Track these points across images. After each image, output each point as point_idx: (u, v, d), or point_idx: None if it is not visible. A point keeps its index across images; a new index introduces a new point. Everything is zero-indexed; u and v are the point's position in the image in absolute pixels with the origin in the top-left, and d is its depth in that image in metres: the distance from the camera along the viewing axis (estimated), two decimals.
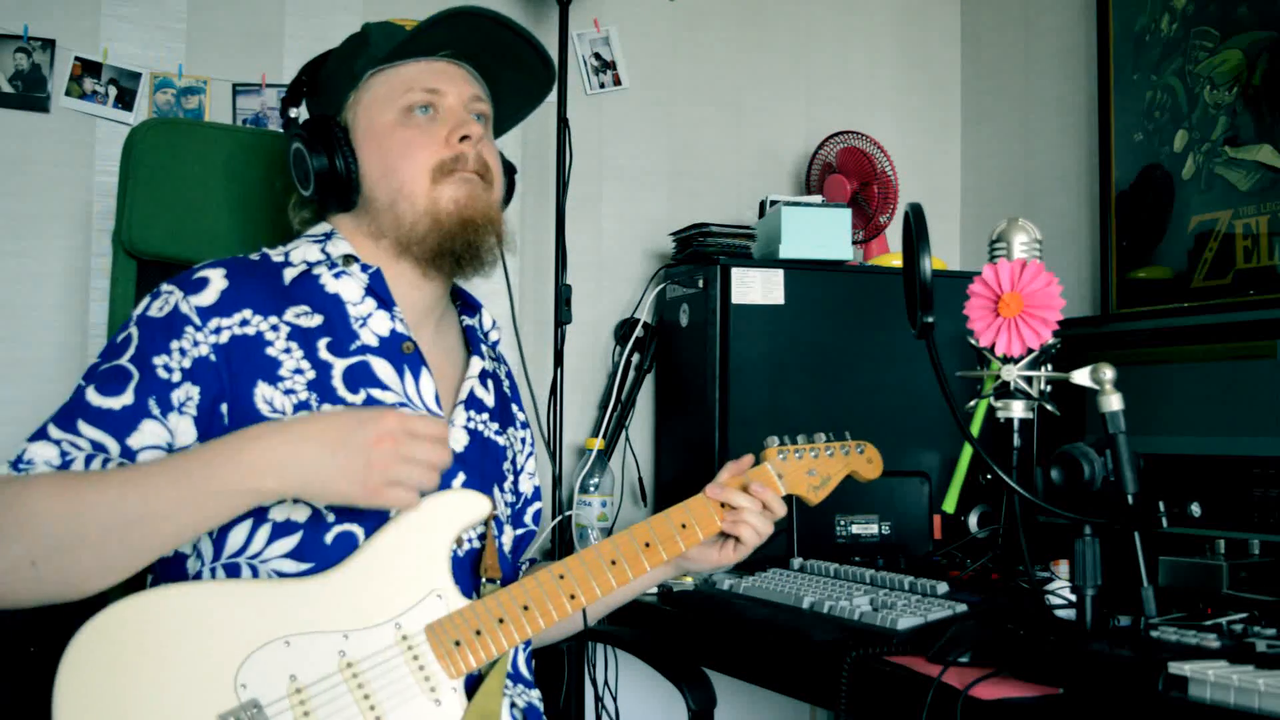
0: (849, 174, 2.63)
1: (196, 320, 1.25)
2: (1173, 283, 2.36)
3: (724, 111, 2.83)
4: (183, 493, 1.14)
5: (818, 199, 2.55)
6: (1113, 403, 1.32)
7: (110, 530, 1.12)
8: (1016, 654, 1.28)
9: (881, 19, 2.99)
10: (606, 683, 2.38)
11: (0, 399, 2.20)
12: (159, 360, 1.23)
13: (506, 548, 1.46)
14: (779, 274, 2.29)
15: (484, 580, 1.30)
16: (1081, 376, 1.35)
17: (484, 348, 1.51)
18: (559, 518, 2.41)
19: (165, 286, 1.29)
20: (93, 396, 1.21)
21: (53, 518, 1.11)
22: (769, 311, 2.29)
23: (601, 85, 2.67)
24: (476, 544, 1.34)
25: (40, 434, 1.19)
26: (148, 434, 1.21)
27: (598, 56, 2.67)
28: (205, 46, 2.39)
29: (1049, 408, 1.41)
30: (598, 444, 2.42)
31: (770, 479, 1.45)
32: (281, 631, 1.16)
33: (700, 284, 2.33)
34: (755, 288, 2.28)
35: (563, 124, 2.45)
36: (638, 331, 2.53)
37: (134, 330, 1.27)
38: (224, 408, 1.24)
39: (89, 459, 1.17)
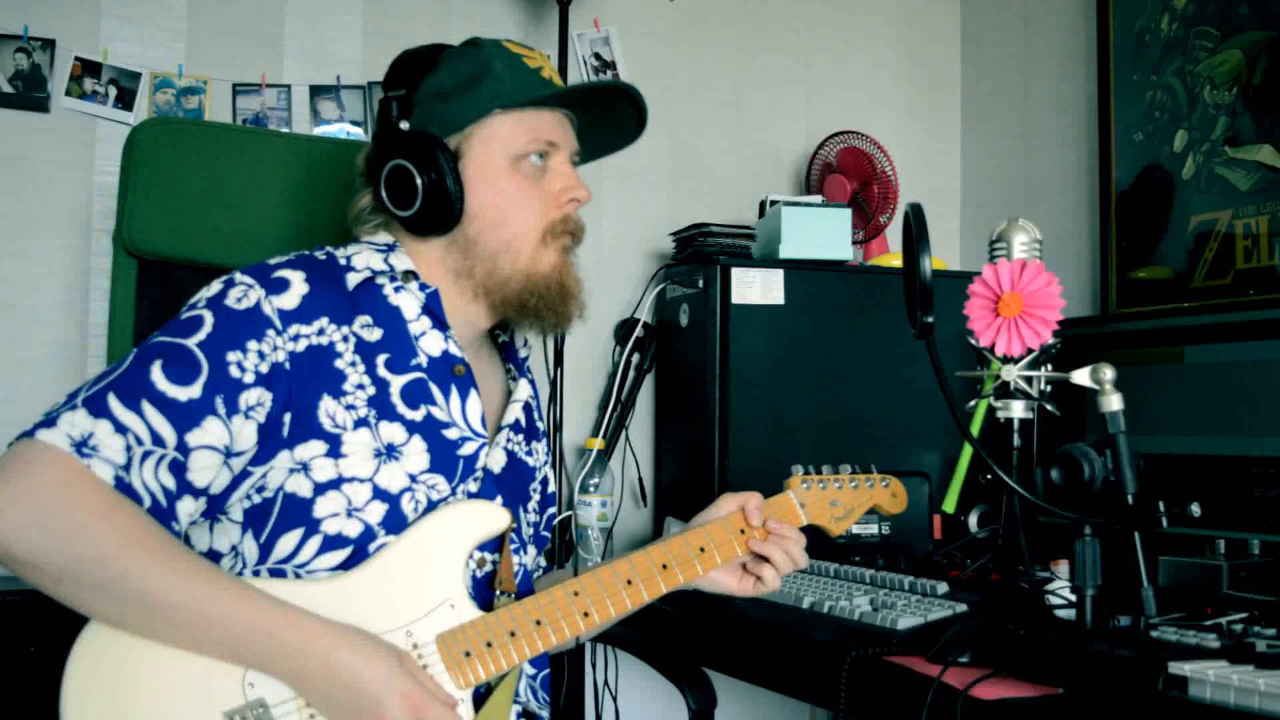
0: (849, 174, 2.63)
1: (278, 324, 1.21)
2: (1173, 283, 2.36)
3: (724, 111, 2.83)
4: (225, 623, 1.11)
5: (818, 199, 2.55)
6: (1113, 403, 1.32)
7: (149, 609, 1.09)
8: (1016, 654, 1.28)
9: (881, 19, 2.99)
10: (606, 683, 2.38)
11: (0, 399, 2.20)
12: (233, 357, 1.18)
13: (529, 568, 1.45)
14: (779, 274, 2.29)
15: (498, 594, 1.30)
16: (1081, 376, 1.35)
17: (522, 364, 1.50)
18: (559, 518, 2.41)
19: (242, 278, 1.24)
20: (159, 378, 1.14)
21: (108, 565, 1.07)
22: (769, 311, 2.29)
23: None
24: (491, 568, 1.33)
25: (101, 406, 1.11)
26: (209, 433, 1.15)
27: (598, 56, 2.67)
28: (205, 46, 2.39)
29: (1049, 408, 1.41)
30: (598, 444, 2.42)
31: (792, 508, 1.43)
32: None
33: (700, 284, 2.33)
34: (755, 288, 2.28)
35: None
36: (638, 331, 2.53)
37: (207, 314, 1.20)
38: (287, 417, 1.21)
39: (145, 456, 1.12)
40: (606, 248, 2.69)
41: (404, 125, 1.33)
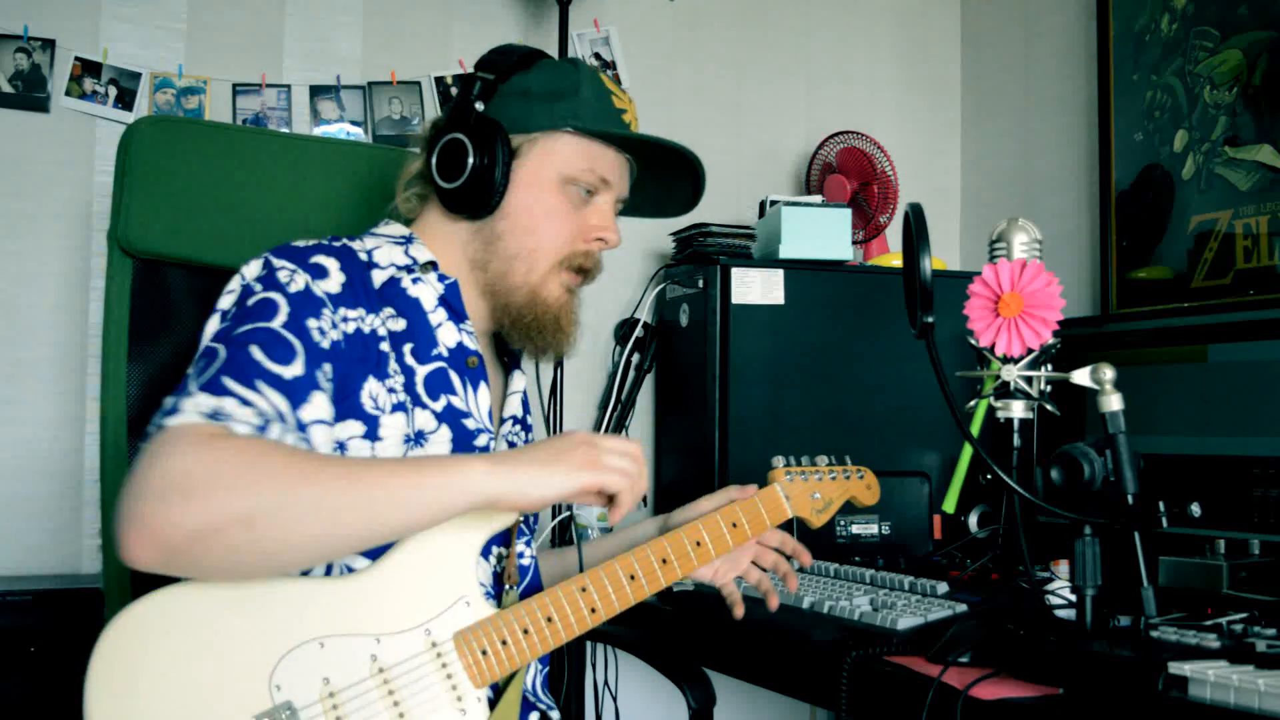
0: (849, 174, 2.63)
1: (330, 305, 1.24)
2: (1173, 283, 2.36)
3: (724, 111, 2.83)
4: (411, 482, 1.12)
5: (818, 199, 2.55)
6: (1113, 403, 1.32)
7: (341, 509, 1.09)
8: (1016, 654, 1.27)
9: (881, 19, 2.99)
10: (606, 683, 2.38)
11: (0, 399, 2.20)
12: (313, 329, 1.20)
13: (526, 559, 1.45)
14: (779, 274, 2.29)
15: (506, 587, 1.31)
16: (1081, 376, 1.35)
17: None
18: (559, 517, 2.41)
19: (280, 262, 1.24)
20: (262, 358, 1.14)
21: (288, 482, 1.06)
22: (769, 311, 2.29)
23: None
24: (499, 564, 1.34)
25: (219, 387, 1.10)
26: (318, 407, 1.17)
27: (598, 56, 2.67)
28: (205, 46, 2.39)
29: (1049, 408, 1.41)
30: None
31: (778, 500, 1.45)
32: (316, 633, 1.14)
33: (700, 284, 2.33)
34: (755, 288, 2.28)
35: None
36: (638, 331, 2.53)
37: (274, 296, 1.21)
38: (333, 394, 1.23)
39: (280, 428, 1.12)
40: None
41: (479, 106, 1.35)
